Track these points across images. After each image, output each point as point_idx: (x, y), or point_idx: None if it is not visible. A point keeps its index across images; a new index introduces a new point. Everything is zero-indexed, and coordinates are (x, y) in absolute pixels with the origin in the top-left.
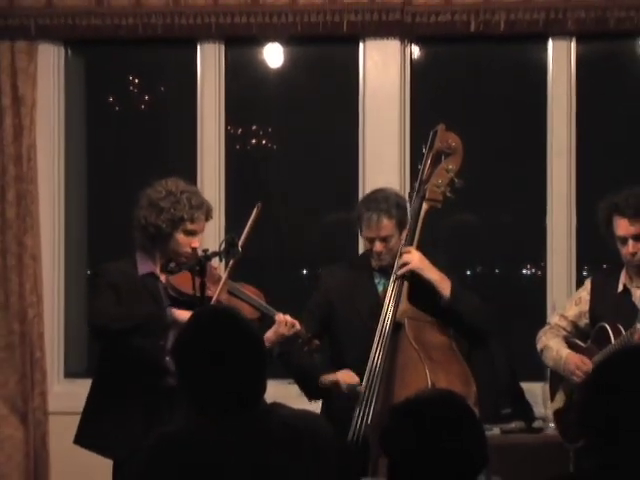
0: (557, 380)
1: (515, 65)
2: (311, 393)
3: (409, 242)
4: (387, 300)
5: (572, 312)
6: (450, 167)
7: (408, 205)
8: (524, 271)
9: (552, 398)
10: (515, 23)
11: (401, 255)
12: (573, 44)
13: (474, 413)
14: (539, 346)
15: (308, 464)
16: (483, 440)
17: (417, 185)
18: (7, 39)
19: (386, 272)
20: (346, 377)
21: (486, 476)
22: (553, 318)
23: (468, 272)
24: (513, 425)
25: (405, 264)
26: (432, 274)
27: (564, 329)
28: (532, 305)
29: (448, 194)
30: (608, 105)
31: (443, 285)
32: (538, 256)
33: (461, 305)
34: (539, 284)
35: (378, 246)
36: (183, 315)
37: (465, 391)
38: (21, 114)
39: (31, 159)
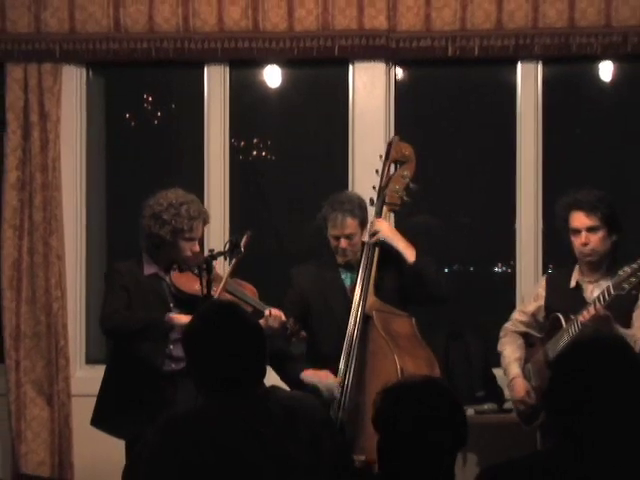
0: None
1: (488, 85)
2: (290, 383)
3: (378, 214)
4: (360, 272)
5: (531, 307)
6: (405, 174)
7: (369, 207)
8: (496, 269)
9: None
10: (488, 48)
11: (372, 225)
12: (540, 67)
13: (458, 398)
14: (499, 348)
15: (304, 440)
16: (465, 421)
17: (377, 191)
18: (35, 61)
19: (351, 267)
20: (324, 379)
21: (462, 453)
22: (514, 314)
23: (446, 270)
24: (486, 406)
25: (375, 232)
26: (399, 242)
27: (523, 323)
28: (503, 299)
29: (405, 198)
30: (570, 121)
31: (408, 252)
32: (508, 256)
33: (423, 269)
34: (509, 281)
35: (343, 243)
36: (182, 320)
37: (430, 373)
38: (47, 129)
39: (56, 169)
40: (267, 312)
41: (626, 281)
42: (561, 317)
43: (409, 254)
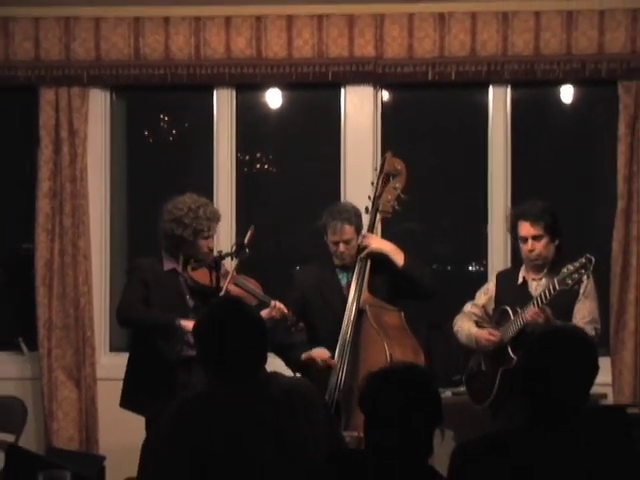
0: (468, 354)
1: (463, 106)
2: (292, 367)
3: (370, 228)
4: (354, 282)
5: (482, 301)
6: (397, 185)
7: (364, 216)
8: (470, 268)
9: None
10: (463, 73)
11: (362, 241)
12: (509, 90)
13: (434, 381)
14: (455, 328)
15: (301, 419)
16: (440, 402)
17: (372, 200)
18: (65, 85)
19: (347, 268)
20: (320, 354)
21: (441, 429)
22: (466, 307)
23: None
24: (461, 389)
25: (365, 247)
26: (388, 248)
27: (475, 314)
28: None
29: (397, 207)
30: (536, 137)
31: (397, 256)
32: (481, 256)
33: (411, 270)
34: (482, 278)
35: (341, 247)
36: (189, 326)
37: (416, 359)
38: (75, 144)
39: (83, 179)
40: (272, 304)
41: (569, 277)
42: (509, 310)
43: (398, 258)
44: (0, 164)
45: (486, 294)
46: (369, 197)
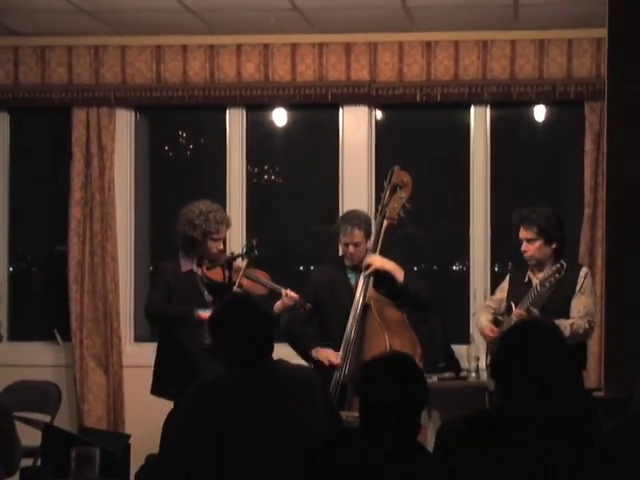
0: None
1: (448, 125)
2: (304, 358)
3: (373, 250)
4: (358, 291)
5: (498, 296)
6: (403, 196)
7: (373, 222)
8: (454, 267)
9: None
10: (447, 95)
11: (366, 261)
12: (488, 110)
13: (420, 367)
14: (475, 319)
15: (303, 401)
16: (426, 386)
17: (380, 208)
18: (94, 106)
19: (356, 269)
20: (328, 355)
21: (428, 411)
22: (487, 301)
23: (415, 268)
24: (446, 375)
25: (369, 266)
26: (390, 266)
27: (491, 307)
28: (459, 291)
29: (402, 214)
30: (513, 152)
31: (398, 274)
32: (463, 256)
33: (410, 287)
34: (464, 276)
35: (351, 249)
36: (206, 315)
37: (413, 352)
38: (104, 158)
39: (111, 189)
40: (284, 292)
41: (547, 280)
42: (513, 307)
43: (399, 275)
44: (37, 176)
45: (501, 292)
46: (376, 208)
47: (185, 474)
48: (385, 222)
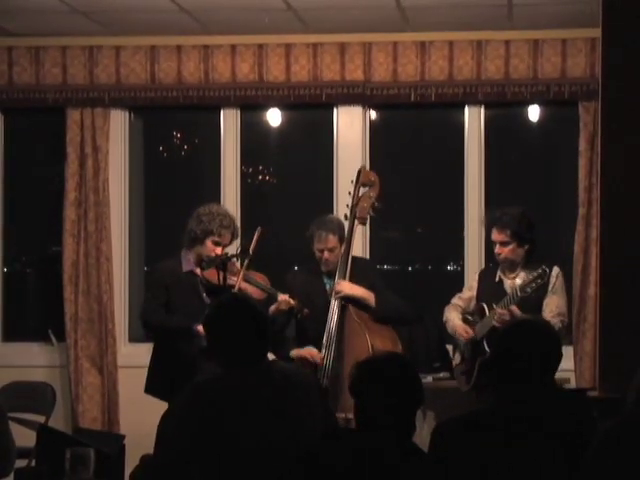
0: (456, 342)
1: (442, 124)
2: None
3: (342, 276)
4: (335, 313)
5: (466, 295)
6: (371, 194)
7: (345, 224)
8: (448, 267)
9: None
10: (442, 95)
11: (336, 288)
12: (482, 110)
13: (416, 368)
14: (444, 318)
15: (300, 402)
16: (421, 386)
17: (350, 208)
18: (89, 106)
19: (332, 274)
20: (309, 352)
21: (422, 411)
22: (454, 299)
23: (410, 268)
24: (441, 375)
25: (338, 292)
26: (359, 293)
27: (460, 306)
28: (454, 291)
29: (372, 213)
30: (507, 152)
31: (369, 300)
32: (458, 256)
33: (385, 310)
34: (459, 276)
35: (326, 255)
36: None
37: (394, 348)
38: (98, 159)
39: (105, 190)
40: (280, 297)
41: (528, 286)
42: (485, 307)
43: (370, 301)
44: (31, 177)
45: (470, 290)
46: (347, 205)
47: (180, 474)
48: (356, 222)
